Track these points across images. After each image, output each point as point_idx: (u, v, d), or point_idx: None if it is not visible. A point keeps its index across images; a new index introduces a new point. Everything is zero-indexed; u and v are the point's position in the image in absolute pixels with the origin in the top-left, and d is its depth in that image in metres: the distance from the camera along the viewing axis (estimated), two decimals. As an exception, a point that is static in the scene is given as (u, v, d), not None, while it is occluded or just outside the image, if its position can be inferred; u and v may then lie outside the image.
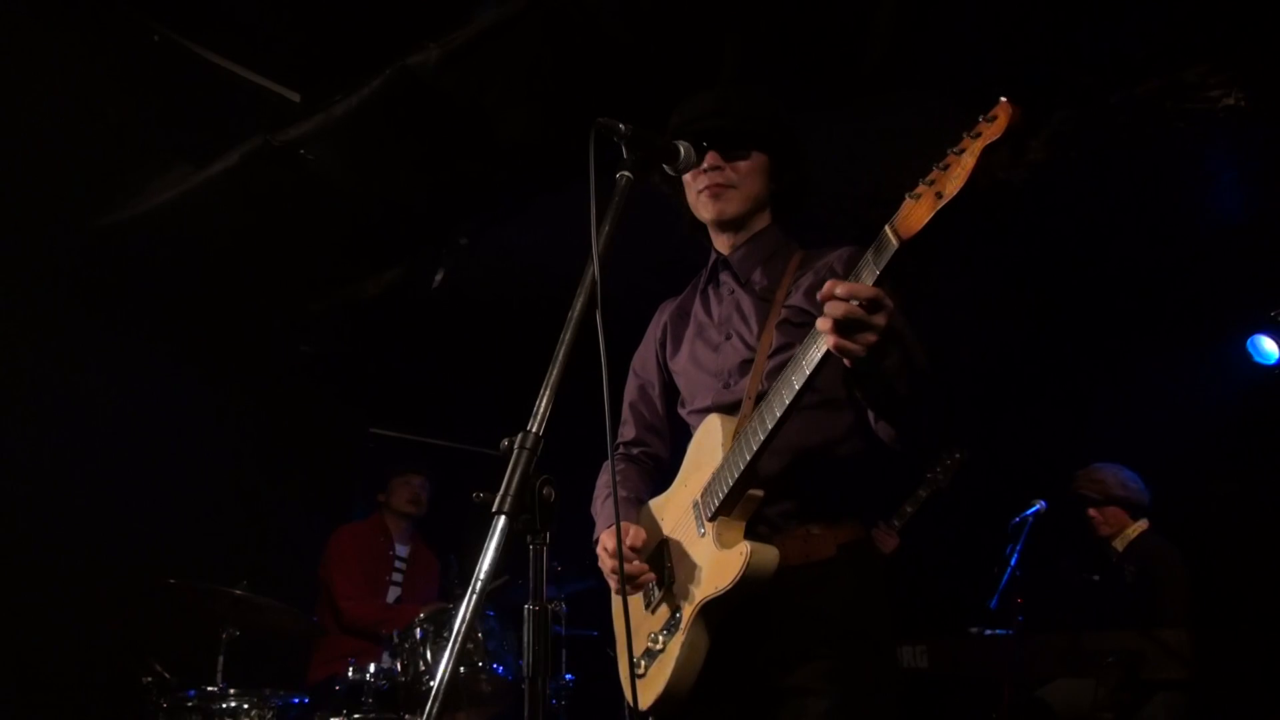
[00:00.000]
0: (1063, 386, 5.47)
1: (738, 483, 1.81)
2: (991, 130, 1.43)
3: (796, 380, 1.69)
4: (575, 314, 1.54)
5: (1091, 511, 4.47)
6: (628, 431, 2.31)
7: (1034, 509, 4.35)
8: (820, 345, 1.62)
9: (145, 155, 4.04)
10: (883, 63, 3.31)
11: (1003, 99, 1.42)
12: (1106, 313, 5.15)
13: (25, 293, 4.42)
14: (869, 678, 1.82)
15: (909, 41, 3.27)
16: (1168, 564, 4.29)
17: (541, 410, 1.44)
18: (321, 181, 3.99)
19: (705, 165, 2.03)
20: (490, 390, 5.27)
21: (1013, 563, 4.14)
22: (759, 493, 1.84)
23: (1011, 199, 4.24)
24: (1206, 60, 3.42)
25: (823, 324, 1.56)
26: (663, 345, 2.26)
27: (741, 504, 1.84)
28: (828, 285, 1.55)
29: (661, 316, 2.31)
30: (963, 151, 1.44)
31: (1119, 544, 4.45)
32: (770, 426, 1.74)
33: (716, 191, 2.06)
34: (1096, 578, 4.54)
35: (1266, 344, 4.86)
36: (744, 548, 1.76)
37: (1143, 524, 4.45)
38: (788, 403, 1.70)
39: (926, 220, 1.45)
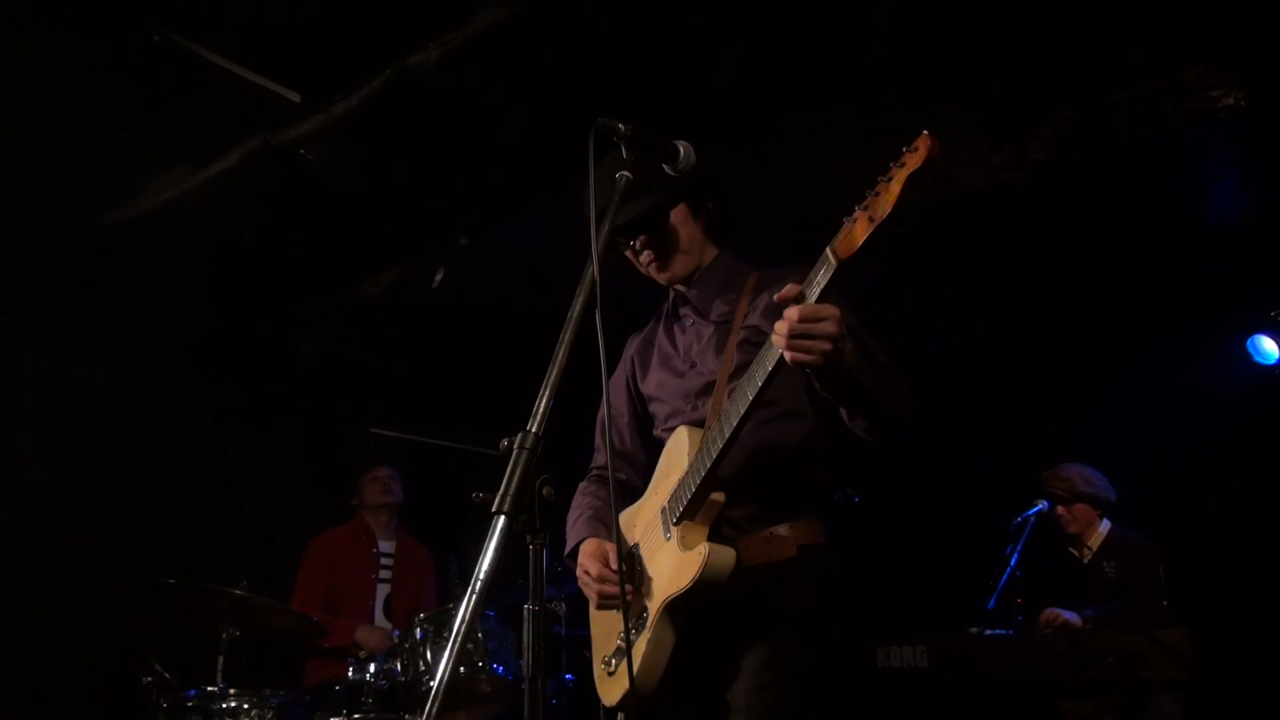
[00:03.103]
0: (1063, 386, 5.47)
1: (700, 488, 1.91)
2: (914, 160, 1.57)
3: (750, 390, 1.80)
4: (575, 314, 1.55)
5: (1060, 510, 4.50)
6: (599, 458, 2.43)
7: (1035, 509, 4.36)
8: (773, 356, 1.74)
9: (145, 155, 4.03)
10: (883, 63, 3.31)
11: (924, 132, 1.57)
12: (1107, 312, 5.15)
13: (25, 292, 4.42)
14: (805, 659, 1.91)
15: (909, 41, 3.27)
16: (1145, 558, 4.34)
17: (541, 410, 1.45)
18: (321, 181, 3.99)
19: (636, 246, 2.18)
20: (490, 390, 5.27)
21: (1013, 562, 4.15)
22: (720, 497, 1.95)
23: (1012, 199, 4.24)
24: (1206, 60, 3.42)
25: (777, 338, 1.69)
26: (633, 376, 2.37)
27: (704, 508, 1.94)
28: (785, 290, 1.70)
29: (629, 350, 2.41)
30: (890, 179, 1.59)
31: (1092, 542, 4.49)
32: (728, 434, 1.84)
33: (659, 265, 2.20)
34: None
35: (1266, 344, 4.87)
36: (703, 549, 1.87)
37: (1107, 521, 4.50)
38: (743, 411, 1.81)
39: (861, 241, 1.61)
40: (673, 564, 1.92)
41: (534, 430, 1.42)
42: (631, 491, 2.31)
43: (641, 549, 2.08)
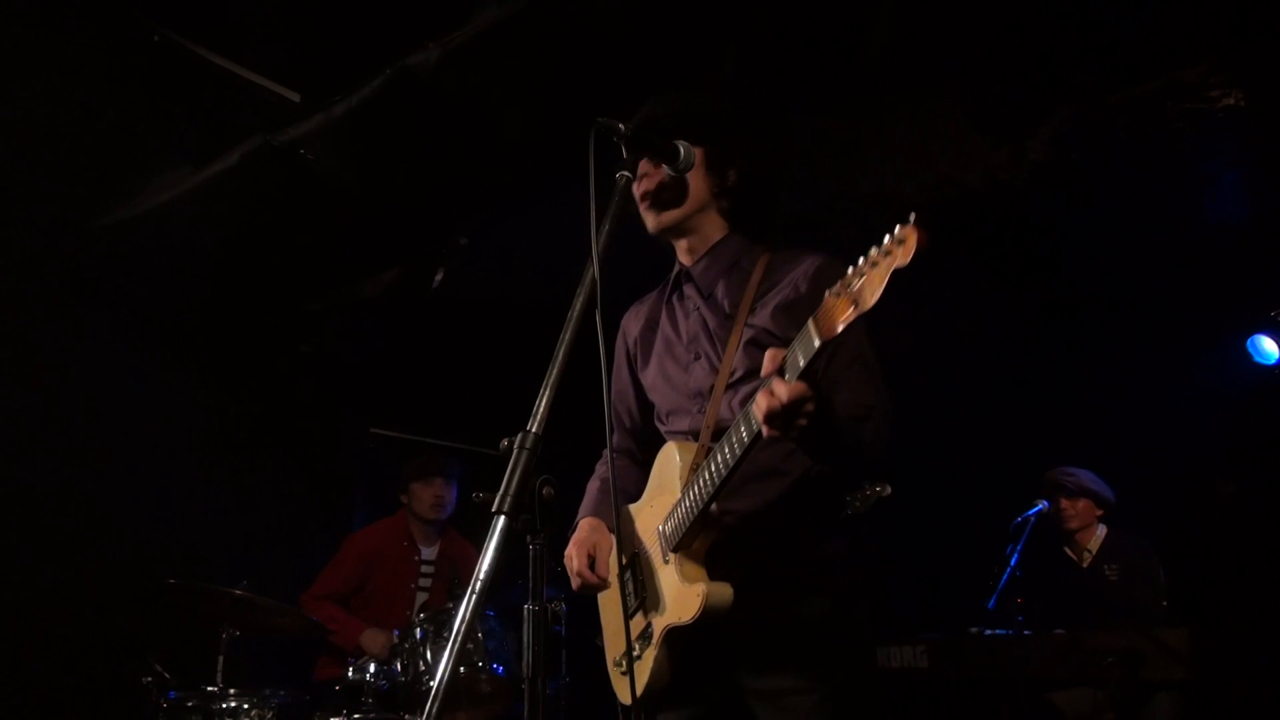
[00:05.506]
0: (1063, 386, 5.47)
1: (693, 525, 1.84)
2: (901, 253, 1.44)
3: (737, 448, 1.71)
4: (575, 314, 1.55)
5: (1064, 502, 4.50)
6: (616, 439, 2.29)
7: (1035, 509, 4.35)
8: (754, 425, 1.65)
9: (145, 155, 4.03)
10: (883, 63, 3.31)
11: (912, 220, 1.43)
12: (1106, 313, 5.15)
13: (25, 293, 4.42)
14: (854, 677, 1.87)
15: (909, 41, 3.27)
16: (1147, 561, 4.36)
17: (541, 410, 1.45)
18: (321, 181, 3.99)
19: (637, 174, 1.95)
20: (490, 390, 5.27)
21: (1013, 562, 4.14)
22: (714, 534, 1.88)
23: (1012, 199, 4.24)
24: (1206, 60, 3.42)
25: (757, 411, 1.60)
26: (631, 357, 2.24)
27: (699, 540, 1.89)
28: (767, 360, 1.61)
29: (628, 327, 2.27)
30: (876, 266, 1.47)
31: (1091, 545, 4.49)
32: (716, 483, 1.76)
33: (651, 200, 2.01)
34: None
35: (1266, 344, 4.87)
36: (700, 589, 1.81)
37: (1103, 526, 4.51)
38: (732, 464, 1.73)
39: (840, 328, 1.52)
40: (674, 593, 1.89)
41: (534, 430, 1.42)
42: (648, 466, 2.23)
43: (642, 561, 2.03)
